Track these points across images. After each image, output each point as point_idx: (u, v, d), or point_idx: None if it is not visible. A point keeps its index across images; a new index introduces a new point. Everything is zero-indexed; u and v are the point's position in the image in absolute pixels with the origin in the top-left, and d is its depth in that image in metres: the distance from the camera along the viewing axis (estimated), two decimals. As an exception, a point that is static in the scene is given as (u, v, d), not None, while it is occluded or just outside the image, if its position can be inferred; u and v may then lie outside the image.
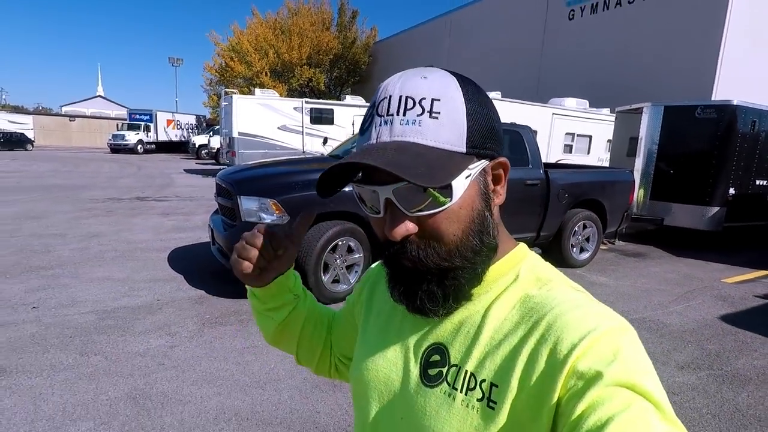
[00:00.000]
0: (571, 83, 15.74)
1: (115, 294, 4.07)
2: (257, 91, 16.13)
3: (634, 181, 6.34)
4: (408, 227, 0.51)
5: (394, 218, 0.52)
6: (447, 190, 0.50)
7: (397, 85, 0.52)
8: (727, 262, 6.34)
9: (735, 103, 6.79)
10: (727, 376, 3.08)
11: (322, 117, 15.98)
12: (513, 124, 5.18)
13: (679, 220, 7.17)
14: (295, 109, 15.62)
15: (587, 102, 11.76)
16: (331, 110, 16.18)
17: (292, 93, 26.31)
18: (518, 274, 0.57)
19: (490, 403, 0.50)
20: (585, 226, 5.64)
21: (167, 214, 8.15)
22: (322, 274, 3.87)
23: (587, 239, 5.73)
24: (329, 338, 0.83)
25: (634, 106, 7.86)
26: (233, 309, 3.82)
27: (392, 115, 0.51)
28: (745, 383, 3.01)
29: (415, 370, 0.58)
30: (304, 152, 15.39)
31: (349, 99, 16.89)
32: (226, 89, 18.37)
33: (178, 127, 32.50)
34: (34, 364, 2.83)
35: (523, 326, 0.51)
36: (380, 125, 0.52)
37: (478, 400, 0.51)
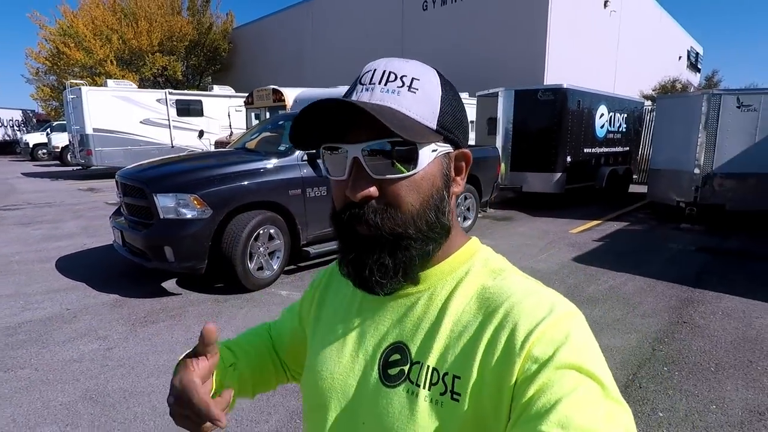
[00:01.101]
0: (433, 71, 17.14)
1: (11, 310, 3.69)
2: (110, 82, 14.52)
3: (500, 156, 7.48)
4: (370, 190, 0.52)
5: (358, 179, 0.53)
6: (412, 162, 0.52)
7: (382, 62, 0.56)
8: (571, 217, 7.91)
9: (565, 87, 8.39)
10: (585, 300, 4.08)
11: (189, 108, 15.08)
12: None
13: (533, 186, 8.65)
14: (158, 101, 14.47)
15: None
16: (200, 101, 15.34)
17: (144, 83, 23.91)
18: (473, 267, 0.58)
19: (453, 395, 0.50)
20: (466, 198, 6.54)
21: (28, 223, 7.16)
22: (248, 263, 4.01)
23: (468, 209, 6.65)
24: (278, 362, 0.79)
25: (491, 91, 9.12)
26: (158, 307, 3.77)
27: (374, 84, 0.54)
28: (596, 302, 4.03)
29: (373, 372, 0.57)
30: (173, 147, 14.40)
31: (218, 89, 16.13)
32: (73, 80, 16.04)
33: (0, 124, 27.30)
34: (-51, 391, 2.57)
35: (481, 316, 0.52)
36: (361, 91, 0.54)
37: (441, 393, 0.51)
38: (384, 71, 0.54)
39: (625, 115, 10.55)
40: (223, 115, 15.05)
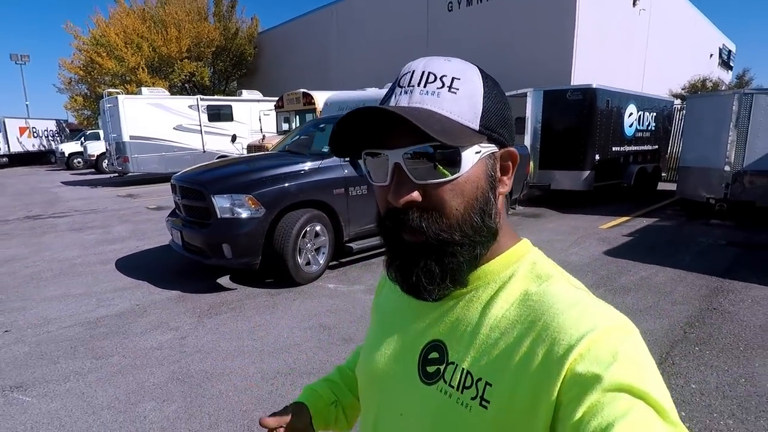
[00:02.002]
0: (456, 71, 17.32)
1: (87, 307, 4.06)
2: (144, 89, 15.16)
3: (529, 154, 7.65)
4: (412, 195, 0.52)
5: (400, 185, 0.52)
6: (455, 165, 0.51)
7: (421, 62, 0.55)
8: (600, 213, 8.01)
9: (594, 87, 8.50)
10: (617, 289, 4.27)
11: (220, 114, 15.58)
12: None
13: (561, 184, 8.78)
14: (190, 107, 15.02)
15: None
16: (230, 106, 15.83)
17: (172, 89, 24.76)
18: (518, 270, 0.56)
19: (483, 401, 0.50)
20: (496, 196, 6.72)
21: (80, 229, 7.65)
22: (298, 258, 4.30)
23: (498, 206, 6.83)
24: None
25: (519, 92, 9.26)
26: (219, 301, 4.10)
27: (413, 86, 0.53)
28: (628, 291, 4.21)
29: (413, 367, 0.58)
30: (204, 152, 14.94)
31: (246, 94, 16.63)
32: (110, 90, 16.80)
33: (35, 135, 28.42)
34: (53, 374, 2.92)
35: (519, 324, 0.51)
36: (400, 94, 0.53)
37: (472, 398, 0.51)
38: (423, 72, 0.53)
39: (654, 114, 10.55)
40: (253, 119, 15.53)
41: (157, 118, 14.37)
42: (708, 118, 7.80)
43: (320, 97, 11.37)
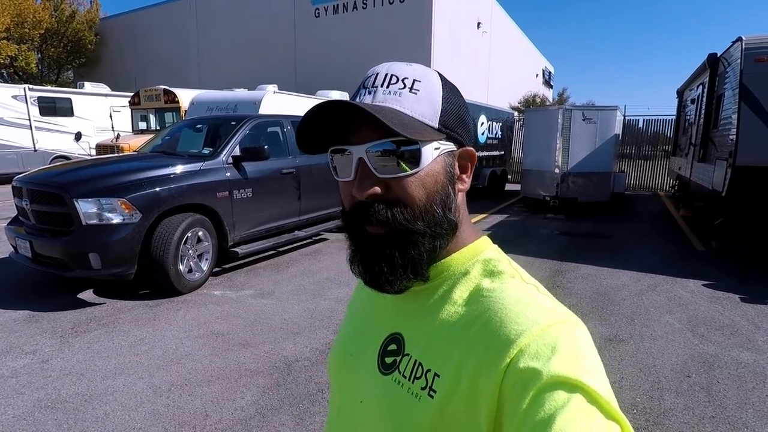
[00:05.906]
0: (324, 76, 17.65)
1: None
2: (-55, 73, 12.34)
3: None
4: (375, 189, 0.53)
5: (364, 178, 0.54)
6: (416, 160, 0.54)
7: (385, 66, 0.57)
8: (461, 212, 8.95)
9: (455, 99, 9.45)
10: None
11: (56, 107, 13.47)
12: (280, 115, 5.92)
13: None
14: (14, 97, 12.71)
15: (347, 94, 13.62)
16: (69, 100, 13.78)
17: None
18: (474, 266, 0.58)
19: (431, 392, 0.51)
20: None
21: None
22: (180, 266, 4.04)
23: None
24: None
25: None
26: (84, 317, 3.64)
27: (376, 87, 0.55)
28: (492, 278, 4.89)
29: (374, 359, 0.61)
30: (36, 150, 12.80)
31: (90, 86, 14.63)
32: None
33: None
34: None
35: (467, 317, 0.53)
36: (364, 94, 0.56)
37: (422, 388, 0.53)
38: (386, 74, 0.56)
39: (500, 124, 12.14)
40: (99, 115, 13.74)
41: (-33, 109, 11.85)
42: (541, 129, 9.30)
43: (185, 96, 10.59)
